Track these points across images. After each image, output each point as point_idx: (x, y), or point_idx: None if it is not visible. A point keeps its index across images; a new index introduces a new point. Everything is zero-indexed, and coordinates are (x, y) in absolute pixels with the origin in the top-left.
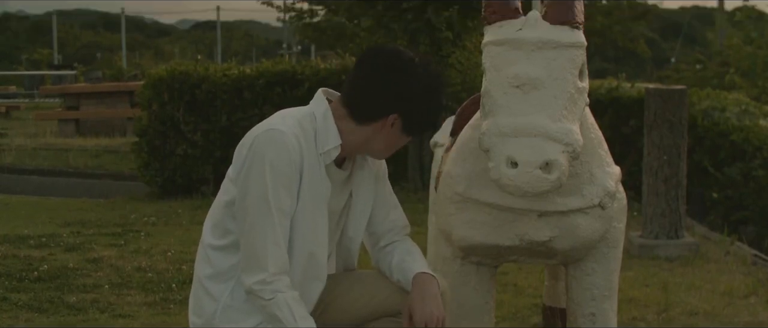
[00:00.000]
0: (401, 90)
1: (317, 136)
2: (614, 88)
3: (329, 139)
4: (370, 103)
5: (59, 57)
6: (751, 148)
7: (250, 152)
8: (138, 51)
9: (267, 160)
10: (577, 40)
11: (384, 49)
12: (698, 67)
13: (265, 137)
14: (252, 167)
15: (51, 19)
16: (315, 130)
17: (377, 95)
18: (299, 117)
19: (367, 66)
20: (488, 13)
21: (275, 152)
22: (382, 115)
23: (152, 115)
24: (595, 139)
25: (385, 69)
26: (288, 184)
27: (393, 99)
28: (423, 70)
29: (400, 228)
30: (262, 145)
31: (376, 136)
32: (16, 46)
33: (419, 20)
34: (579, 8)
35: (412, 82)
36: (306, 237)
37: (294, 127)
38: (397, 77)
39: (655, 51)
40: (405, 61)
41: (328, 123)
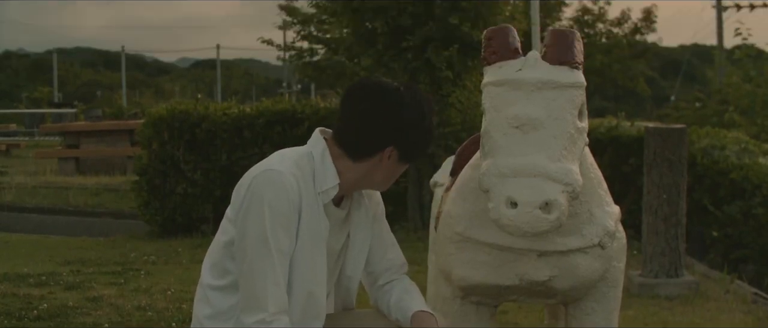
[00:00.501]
0: (394, 123)
1: (315, 176)
2: (614, 126)
3: (327, 178)
4: (364, 140)
5: (59, 95)
6: (751, 187)
7: (249, 193)
8: (138, 89)
9: (266, 201)
10: (577, 81)
11: (367, 83)
12: (698, 106)
13: (263, 178)
14: (250, 208)
15: (51, 58)
16: (313, 170)
17: (371, 132)
18: (297, 157)
19: (354, 103)
20: (488, 53)
21: (273, 193)
22: (379, 150)
23: (152, 153)
24: (595, 179)
25: (373, 104)
26: (287, 224)
27: (387, 133)
28: (410, 98)
29: (398, 267)
30: (260, 186)
31: (375, 170)
32: (17, 84)
33: (419, 59)
34: (578, 48)
35: (403, 112)
36: (305, 276)
37: (291, 167)
38: (388, 110)
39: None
40: (391, 92)
41: (326, 163)
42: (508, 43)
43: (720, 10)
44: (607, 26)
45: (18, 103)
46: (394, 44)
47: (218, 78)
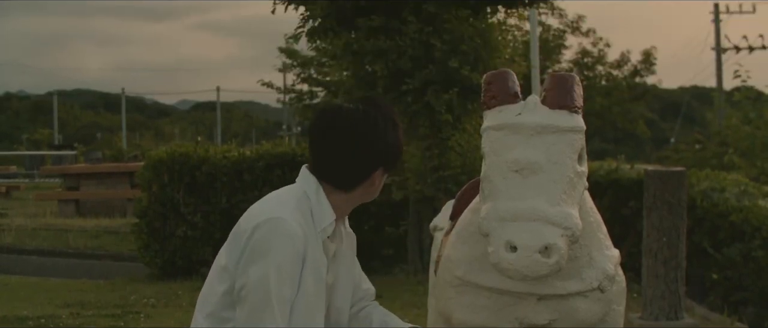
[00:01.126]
0: (377, 146)
1: (313, 215)
2: (613, 169)
3: (325, 216)
4: (354, 172)
5: (60, 137)
6: (751, 229)
7: (252, 242)
8: (138, 131)
9: (271, 252)
10: (576, 125)
11: (333, 114)
12: (697, 147)
13: (268, 228)
14: (254, 258)
15: (52, 99)
16: (311, 209)
17: (358, 162)
18: (295, 200)
19: (330, 137)
20: (487, 98)
21: (279, 243)
22: (369, 175)
23: (152, 196)
24: (595, 223)
25: (351, 135)
26: (291, 275)
27: (374, 157)
28: (380, 114)
29: (370, 295)
30: (264, 236)
31: (367, 191)
32: (17, 126)
33: (419, 103)
34: (578, 92)
35: (383, 133)
36: (307, 318)
37: (294, 213)
38: (368, 136)
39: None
40: (362, 117)
41: (322, 200)
42: (508, 87)
43: (719, 53)
44: (607, 68)
45: (18, 145)
46: (394, 87)
47: (218, 120)
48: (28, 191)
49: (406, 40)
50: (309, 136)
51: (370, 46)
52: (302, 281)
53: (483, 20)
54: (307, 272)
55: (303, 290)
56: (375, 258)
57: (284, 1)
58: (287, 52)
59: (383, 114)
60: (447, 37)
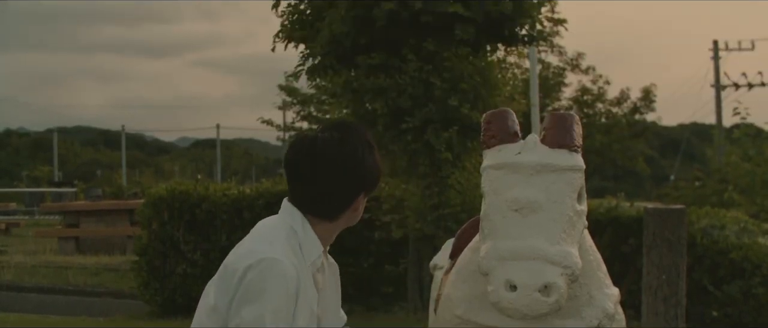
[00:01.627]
0: (358, 172)
1: (302, 249)
2: (613, 207)
3: (314, 249)
4: (337, 201)
5: (60, 174)
6: (751, 266)
7: (245, 284)
8: (138, 168)
9: (266, 296)
10: (576, 164)
11: (307, 144)
12: (697, 185)
13: (261, 268)
14: (249, 301)
15: (52, 136)
16: (299, 244)
17: (341, 191)
18: (284, 237)
19: (309, 169)
20: (487, 137)
21: (274, 285)
22: (353, 201)
23: (152, 233)
24: (594, 261)
25: (331, 165)
26: (286, 316)
27: (356, 184)
28: (357, 140)
29: (345, 322)
30: (258, 278)
31: (350, 217)
32: (17, 163)
33: (419, 141)
34: (577, 131)
35: (361, 159)
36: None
37: (286, 250)
38: (348, 164)
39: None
40: (340, 144)
41: (309, 233)
42: (508, 126)
43: (718, 90)
44: (607, 106)
45: (18, 182)
46: (393, 125)
47: (218, 158)
48: (27, 227)
49: (405, 79)
50: (286, 169)
51: (369, 85)
52: (295, 319)
53: (483, 58)
54: (299, 309)
55: (296, 323)
56: (375, 296)
57: (284, 40)
58: (287, 89)
59: (359, 139)
60: (447, 76)
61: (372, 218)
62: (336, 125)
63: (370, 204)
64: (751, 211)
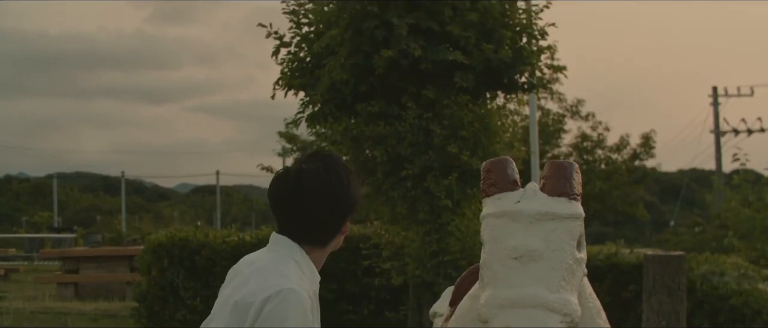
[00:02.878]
0: (346, 199)
1: (304, 275)
2: (613, 253)
3: (314, 278)
4: (330, 228)
5: (59, 219)
6: (751, 312)
7: (264, 315)
8: (137, 214)
9: (289, 326)
10: (575, 212)
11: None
12: (697, 230)
13: (281, 299)
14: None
15: (52, 182)
16: (304, 274)
17: (333, 219)
18: (294, 268)
19: (300, 201)
20: (486, 185)
21: (294, 316)
22: (342, 226)
23: (152, 280)
24: (594, 309)
25: (321, 195)
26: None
27: (345, 210)
28: (340, 168)
29: None
30: (279, 308)
31: (338, 241)
32: (17, 208)
33: (418, 188)
34: (577, 180)
35: (346, 185)
36: None
37: (301, 280)
38: (338, 192)
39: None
40: (326, 174)
41: (309, 263)
42: (507, 174)
43: (718, 136)
44: (607, 152)
45: (18, 228)
46: (393, 172)
47: (218, 204)
48: (27, 273)
49: (405, 126)
50: (275, 204)
51: (369, 132)
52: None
53: (482, 106)
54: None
55: None
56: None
57: (284, 87)
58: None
59: (341, 166)
60: (446, 123)
61: (372, 265)
62: (313, 155)
63: (371, 251)
64: (751, 257)
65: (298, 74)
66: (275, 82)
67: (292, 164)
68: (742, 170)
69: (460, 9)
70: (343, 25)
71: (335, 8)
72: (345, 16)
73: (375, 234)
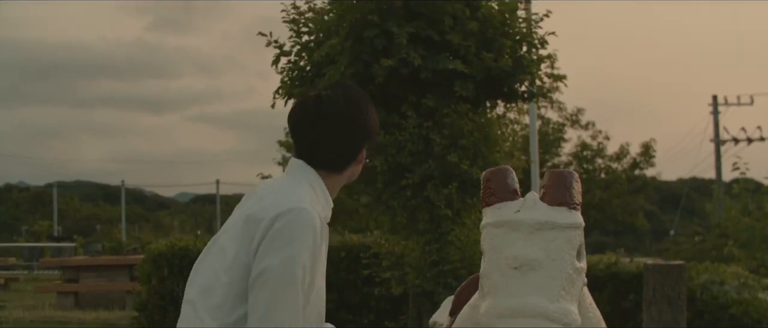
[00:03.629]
0: (362, 123)
1: (318, 202)
2: (613, 263)
3: (327, 204)
4: (346, 153)
5: (59, 228)
6: (751, 322)
7: (273, 231)
8: (137, 223)
9: (296, 243)
10: (575, 221)
11: (314, 103)
12: (697, 239)
13: (291, 217)
14: (278, 247)
15: (51, 191)
16: (317, 199)
17: (349, 143)
18: (308, 190)
19: (319, 126)
20: (487, 195)
21: (303, 234)
22: (359, 152)
23: (152, 289)
24: (594, 318)
25: (339, 119)
26: (311, 266)
27: (361, 135)
28: (358, 95)
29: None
30: (288, 226)
31: (354, 169)
32: (17, 217)
33: (418, 197)
34: (577, 189)
35: (364, 111)
36: (318, 300)
37: (314, 203)
38: (355, 117)
39: (654, 223)
40: (345, 99)
41: (323, 188)
42: (507, 184)
43: (718, 144)
44: (607, 161)
45: (18, 237)
46: (393, 182)
47: (218, 213)
48: (26, 283)
49: (405, 135)
50: (294, 129)
51: None
52: (313, 274)
53: (482, 115)
54: (318, 264)
55: (312, 283)
56: None
57: (284, 96)
58: (287, 145)
59: (361, 95)
60: (446, 132)
61: (372, 275)
62: (336, 84)
63: (370, 261)
64: (750, 266)
65: (298, 83)
66: (275, 91)
67: (314, 92)
68: (742, 179)
69: (460, 18)
70: (343, 34)
71: (335, 17)
72: (345, 25)
73: (375, 243)
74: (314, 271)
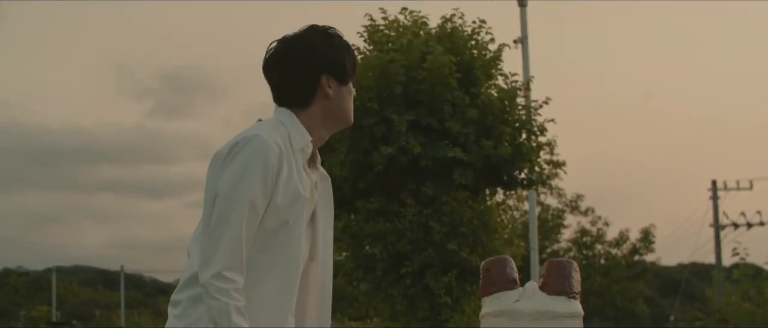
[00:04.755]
0: (316, 52)
1: (291, 137)
2: None
3: (300, 137)
4: (303, 85)
5: (58, 313)
6: None
7: (229, 158)
8: (136, 309)
9: (245, 163)
10: (574, 311)
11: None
12: (697, 325)
13: (244, 144)
14: (230, 171)
15: (50, 276)
16: (288, 133)
17: (303, 75)
18: (270, 126)
19: (277, 65)
20: (486, 284)
21: (254, 155)
22: (317, 82)
23: None
24: None
25: (292, 54)
26: (263, 186)
27: (316, 66)
28: (317, 30)
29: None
30: (241, 151)
31: (329, 106)
32: (16, 302)
33: (418, 285)
34: (576, 278)
35: (320, 43)
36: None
37: (271, 132)
38: (307, 49)
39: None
40: (300, 36)
41: (296, 122)
42: (506, 273)
43: (718, 230)
44: (606, 247)
45: (16, 322)
46: (393, 269)
47: None
48: None
49: (405, 223)
50: (264, 76)
51: (369, 229)
52: (275, 193)
53: (482, 202)
54: (282, 185)
55: (274, 201)
56: None
57: None
58: None
59: (317, 29)
60: (446, 220)
61: None
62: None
63: None
64: None
65: None
66: None
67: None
68: (742, 264)
69: (460, 105)
70: None
71: None
72: None
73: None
74: (274, 189)
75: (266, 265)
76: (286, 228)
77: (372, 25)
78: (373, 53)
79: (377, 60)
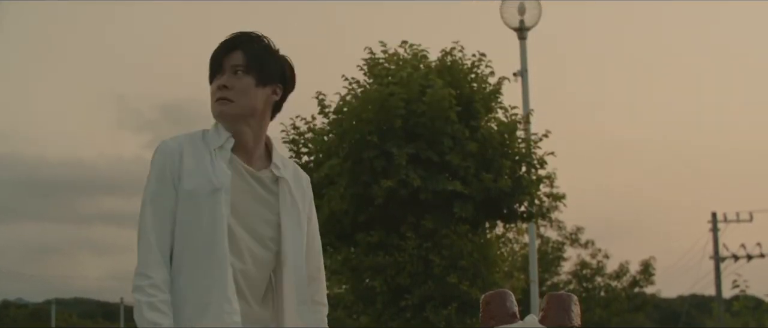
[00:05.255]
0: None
1: (207, 136)
2: None
3: (219, 135)
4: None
5: None
6: None
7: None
8: None
9: (152, 167)
10: None
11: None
12: None
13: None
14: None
15: (50, 308)
16: (204, 133)
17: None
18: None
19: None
20: (486, 318)
21: (157, 158)
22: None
23: None
24: None
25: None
26: (161, 176)
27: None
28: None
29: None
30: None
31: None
32: None
33: (418, 318)
34: (576, 311)
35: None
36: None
37: (181, 135)
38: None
39: None
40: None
41: (219, 127)
42: (506, 307)
43: (718, 262)
44: (606, 280)
45: None
46: (393, 303)
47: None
48: None
49: (405, 256)
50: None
51: (369, 262)
52: (182, 180)
53: (482, 235)
54: (187, 173)
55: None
56: None
57: None
58: None
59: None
60: (446, 253)
61: None
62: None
63: None
64: None
65: None
66: None
67: None
68: (742, 296)
69: (460, 138)
70: (342, 155)
71: (335, 138)
72: (344, 145)
73: None
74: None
75: (187, 258)
76: (201, 220)
77: (372, 59)
78: (373, 86)
79: (377, 93)
